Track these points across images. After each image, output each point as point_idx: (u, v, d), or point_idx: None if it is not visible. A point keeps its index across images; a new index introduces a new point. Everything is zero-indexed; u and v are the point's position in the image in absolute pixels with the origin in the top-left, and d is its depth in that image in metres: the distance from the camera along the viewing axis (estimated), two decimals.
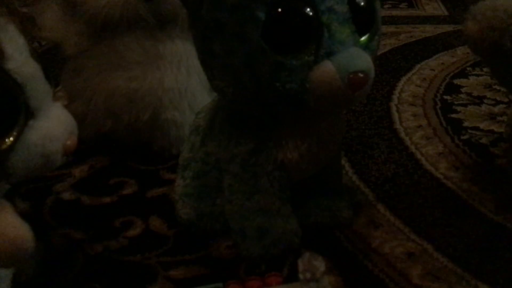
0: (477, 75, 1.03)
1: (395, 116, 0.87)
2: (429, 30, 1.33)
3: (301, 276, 0.43)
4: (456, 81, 1.01)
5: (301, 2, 0.45)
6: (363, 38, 0.48)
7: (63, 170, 0.72)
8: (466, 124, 0.84)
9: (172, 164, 0.71)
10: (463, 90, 0.97)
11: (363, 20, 0.47)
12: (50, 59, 0.88)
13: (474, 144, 0.77)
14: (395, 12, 1.52)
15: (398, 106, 0.90)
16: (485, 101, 0.92)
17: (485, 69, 1.03)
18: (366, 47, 0.47)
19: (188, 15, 0.51)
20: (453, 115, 0.87)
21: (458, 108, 0.89)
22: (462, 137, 0.79)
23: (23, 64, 0.38)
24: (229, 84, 0.49)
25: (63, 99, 0.76)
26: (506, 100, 0.91)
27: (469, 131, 0.81)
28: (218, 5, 0.46)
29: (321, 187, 0.59)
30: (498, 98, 0.93)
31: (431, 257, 0.55)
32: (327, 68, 0.45)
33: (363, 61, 0.46)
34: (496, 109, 0.89)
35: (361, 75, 0.45)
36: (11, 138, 0.38)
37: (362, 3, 0.47)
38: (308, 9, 0.45)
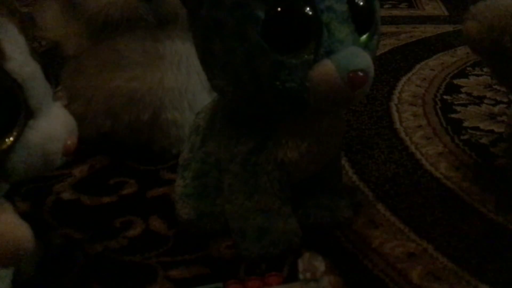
0: (477, 75, 1.03)
1: (395, 116, 0.87)
2: (429, 30, 1.33)
3: (301, 276, 0.43)
4: (456, 81, 1.01)
5: (300, 1, 0.45)
6: (362, 37, 0.48)
7: (63, 170, 0.72)
8: (466, 124, 0.84)
9: (172, 164, 0.71)
10: (463, 90, 0.97)
11: (362, 20, 0.47)
12: (50, 59, 0.88)
13: (474, 144, 0.77)
14: (395, 12, 1.52)
15: (398, 106, 0.90)
16: (485, 101, 0.92)
17: (485, 69, 1.03)
18: (365, 46, 0.47)
19: (188, 15, 0.51)
20: (453, 115, 0.87)
21: (458, 108, 0.89)
22: (462, 137, 0.79)
23: (23, 64, 0.38)
24: (229, 83, 0.49)
25: (63, 99, 0.76)
26: (506, 100, 0.91)
27: (469, 131, 0.81)
28: (217, 5, 0.46)
29: (321, 187, 0.59)
30: (498, 98, 0.93)
31: (431, 257, 0.55)
32: (327, 67, 0.45)
33: (363, 60, 0.46)
34: (496, 109, 0.89)
35: (360, 73, 0.45)
36: (11, 138, 0.38)
37: (361, 3, 0.47)
38: (308, 8, 0.45)
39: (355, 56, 0.45)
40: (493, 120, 0.85)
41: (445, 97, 0.94)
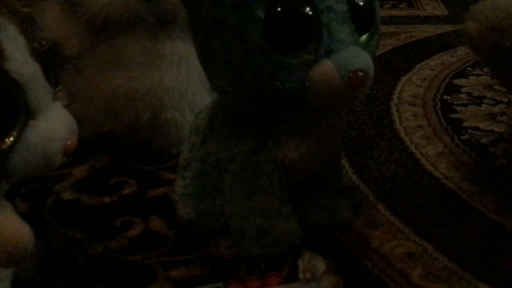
0: (477, 75, 1.03)
1: (395, 116, 0.87)
2: (429, 30, 1.34)
3: (301, 276, 0.43)
4: (456, 81, 1.01)
5: (300, 1, 0.45)
6: (362, 38, 0.48)
7: (63, 170, 0.72)
8: (466, 124, 0.84)
9: (172, 164, 0.71)
10: (463, 90, 0.97)
11: (362, 20, 0.47)
12: (50, 59, 0.88)
13: (474, 144, 0.77)
14: (395, 12, 1.52)
15: (398, 106, 0.90)
16: (485, 101, 0.92)
17: (485, 69, 1.03)
18: (365, 46, 0.47)
19: (188, 15, 0.51)
20: (453, 115, 0.87)
21: (458, 108, 0.89)
22: (462, 137, 0.79)
23: (23, 64, 0.38)
24: (229, 84, 0.49)
25: (63, 99, 0.76)
26: (506, 100, 0.91)
27: (469, 131, 0.81)
28: (218, 5, 0.46)
29: (321, 187, 0.59)
30: (498, 98, 0.93)
31: (431, 257, 0.55)
32: (327, 67, 0.45)
33: (363, 60, 0.46)
34: (496, 109, 0.89)
35: (360, 74, 0.45)
36: (11, 138, 0.38)
37: (361, 3, 0.47)
38: (308, 8, 0.45)
39: (355, 56, 0.45)
40: (493, 120, 0.85)
41: (445, 97, 0.94)
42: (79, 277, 0.53)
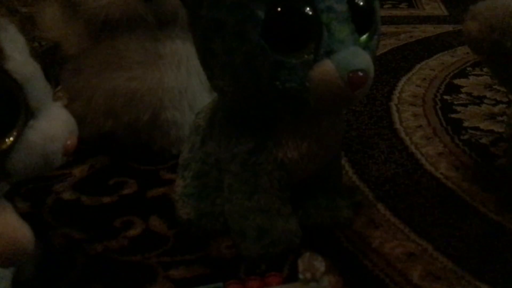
0: (477, 75, 1.03)
1: (395, 116, 0.87)
2: (429, 30, 1.34)
3: (301, 276, 0.43)
4: (456, 81, 1.01)
5: (300, 1, 0.45)
6: (362, 38, 0.48)
7: (63, 170, 0.72)
8: (466, 124, 0.84)
9: (172, 164, 0.71)
10: (463, 90, 0.97)
11: (362, 20, 0.47)
12: (50, 59, 0.88)
13: (474, 144, 0.77)
14: (395, 12, 1.52)
15: (398, 106, 0.90)
16: (485, 101, 0.92)
17: (485, 69, 1.03)
18: (365, 46, 0.47)
19: (188, 15, 0.51)
20: (453, 115, 0.87)
21: (458, 108, 0.89)
22: (462, 137, 0.79)
23: (23, 64, 0.38)
24: (229, 83, 0.49)
25: (63, 99, 0.76)
26: (506, 100, 0.91)
27: (469, 131, 0.81)
28: (217, 5, 0.46)
29: (321, 187, 0.59)
30: (498, 98, 0.93)
31: (431, 257, 0.55)
32: (327, 67, 0.45)
33: (363, 60, 0.46)
34: (496, 109, 0.89)
35: (360, 74, 0.45)
36: (11, 138, 0.38)
37: (361, 3, 0.47)
38: (308, 8, 0.45)
39: (355, 56, 0.45)
40: (493, 120, 0.85)
41: (445, 97, 0.94)
42: (79, 277, 0.53)
